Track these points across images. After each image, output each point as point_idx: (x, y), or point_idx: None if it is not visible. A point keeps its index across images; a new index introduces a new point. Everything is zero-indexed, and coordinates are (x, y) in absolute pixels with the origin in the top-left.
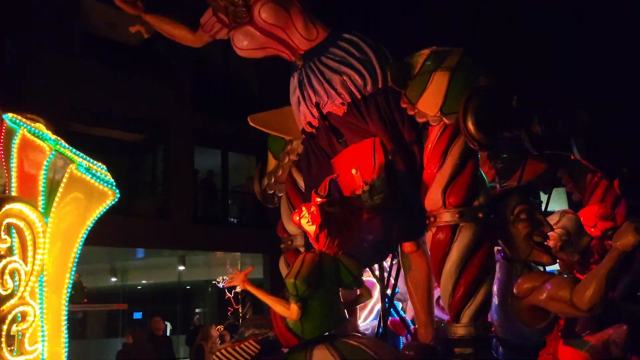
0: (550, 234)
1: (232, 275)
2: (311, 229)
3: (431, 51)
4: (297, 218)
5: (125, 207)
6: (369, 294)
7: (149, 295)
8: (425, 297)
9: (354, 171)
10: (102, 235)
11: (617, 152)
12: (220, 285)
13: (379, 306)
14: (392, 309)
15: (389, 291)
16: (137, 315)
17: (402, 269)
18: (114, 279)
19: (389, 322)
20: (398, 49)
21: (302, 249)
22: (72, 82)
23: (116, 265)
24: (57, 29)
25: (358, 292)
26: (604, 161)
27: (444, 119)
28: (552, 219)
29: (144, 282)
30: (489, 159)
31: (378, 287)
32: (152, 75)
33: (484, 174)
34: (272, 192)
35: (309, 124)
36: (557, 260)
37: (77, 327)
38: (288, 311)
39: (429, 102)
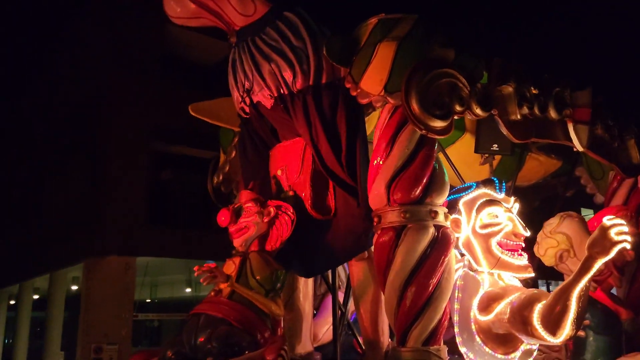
0: (547, 241)
1: None
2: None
3: (379, 20)
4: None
5: (201, 221)
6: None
7: None
8: (374, 313)
9: (279, 172)
10: (179, 248)
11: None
12: None
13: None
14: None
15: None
16: None
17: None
18: (188, 290)
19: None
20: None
21: None
22: (152, 102)
23: (192, 276)
24: (137, 51)
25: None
26: (617, 151)
27: (388, 98)
28: (551, 223)
29: None
30: (477, 151)
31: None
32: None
33: (443, 167)
34: (227, 190)
35: (242, 109)
36: (533, 272)
37: (154, 334)
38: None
39: (372, 80)
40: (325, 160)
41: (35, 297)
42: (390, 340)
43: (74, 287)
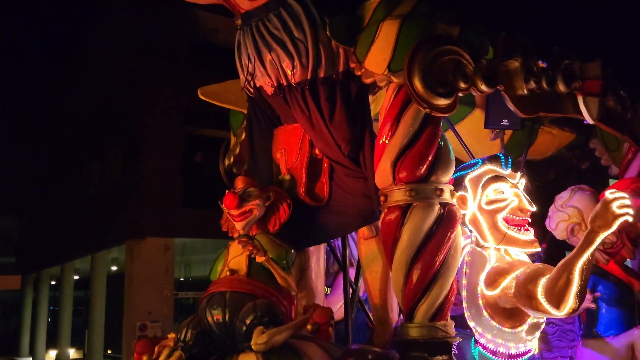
0: (559, 215)
1: None
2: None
3: None
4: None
5: None
6: None
7: None
8: (383, 291)
9: (279, 155)
10: (212, 228)
11: None
12: None
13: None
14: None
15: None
16: None
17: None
18: None
19: None
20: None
21: None
22: (183, 87)
23: None
24: (167, 37)
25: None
26: (630, 123)
27: (392, 77)
28: (562, 197)
29: None
30: (486, 126)
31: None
32: None
33: (448, 144)
34: (239, 172)
35: (247, 89)
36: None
37: (190, 311)
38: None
39: (376, 59)
40: (323, 148)
41: (76, 277)
42: (399, 316)
43: (114, 268)
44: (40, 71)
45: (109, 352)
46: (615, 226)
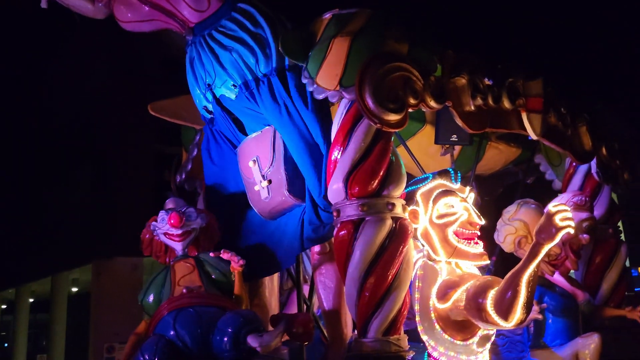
0: (507, 228)
1: None
2: None
3: (333, 15)
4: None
5: None
6: None
7: None
8: (337, 306)
9: (251, 164)
10: None
11: (593, 126)
12: None
13: None
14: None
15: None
16: None
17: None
18: None
19: None
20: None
21: None
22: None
23: None
24: (138, 53)
25: None
26: (570, 139)
27: (343, 93)
28: (509, 210)
29: None
30: (436, 142)
31: None
32: None
33: (400, 159)
34: (191, 188)
35: (205, 108)
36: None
37: None
38: None
39: (328, 75)
40: (294, 142)
41: (31, 300)
42: (353, 332)
43: (74, 289)
44: (4, 86)
45: None
46: (558, 238)
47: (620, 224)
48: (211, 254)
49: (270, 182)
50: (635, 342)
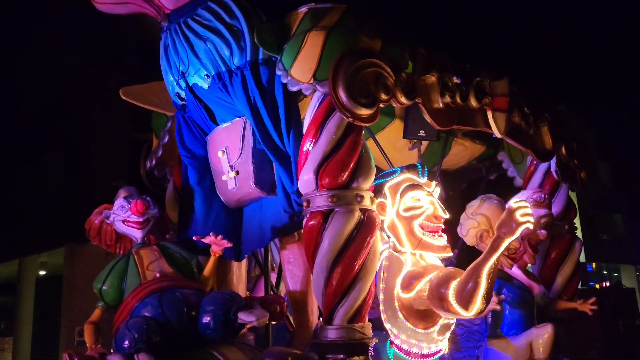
0: (469, 222)
1: None
2: None
3: (309, 9)
4: None
5: None
6: None
7: None
8: (304, 293)
9: (220, 154)
10: None
11: (554, 126)
12: None
13: None
14: None
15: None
16: None
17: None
18: None
19: None
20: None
21: None
22: None
23: None
24: (115, 40)
25: None
26: (532, 138)
27: (317, 86)
28: (473, 205)
29: None
30: (405, 136)
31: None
32: None
33: (369, 153)
34: (161, 174)
35: (178, 95)
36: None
37: None
38: None
39: (302, 68)
40: (265, 135)
41: None
42: (319, 319)
43: (42, 272)
44: None
45: None
46: (518, 233)
47: (577, 220)
48: (194, 238)
49: (237, 173)
50: (585, 332)
